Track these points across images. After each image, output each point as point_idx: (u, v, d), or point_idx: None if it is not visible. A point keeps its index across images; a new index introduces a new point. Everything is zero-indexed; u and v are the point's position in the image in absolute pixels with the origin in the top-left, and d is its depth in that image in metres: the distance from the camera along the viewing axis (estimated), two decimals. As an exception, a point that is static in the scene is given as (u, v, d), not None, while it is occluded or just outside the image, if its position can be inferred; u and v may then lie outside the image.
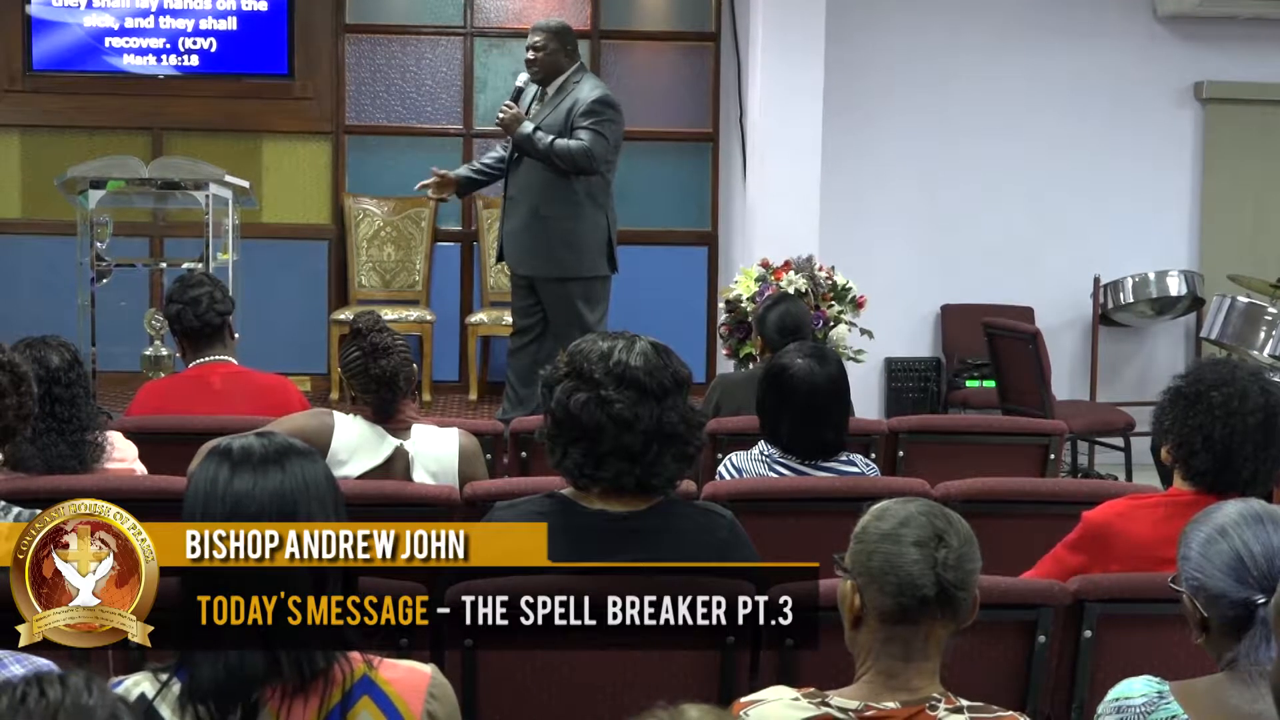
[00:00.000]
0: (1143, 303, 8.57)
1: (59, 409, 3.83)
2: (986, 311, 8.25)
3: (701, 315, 8.97)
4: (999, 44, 8.70)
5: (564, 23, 7.06)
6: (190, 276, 5.17)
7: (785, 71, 7.83)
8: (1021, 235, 8.74)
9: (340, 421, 4.12)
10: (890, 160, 8.68)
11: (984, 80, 8.70)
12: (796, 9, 7.83)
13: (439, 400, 8.74)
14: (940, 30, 8.67)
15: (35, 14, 8.66)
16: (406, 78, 9.01)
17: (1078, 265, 8.66)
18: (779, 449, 4.12)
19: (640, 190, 8.94)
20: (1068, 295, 8.74)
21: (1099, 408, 8.06)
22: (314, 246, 8.96)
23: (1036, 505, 4.08)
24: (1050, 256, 8.74)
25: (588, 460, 2.98)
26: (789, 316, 5.36)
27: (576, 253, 6.78)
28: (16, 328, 5.01)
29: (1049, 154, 8.75)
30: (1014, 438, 5.18)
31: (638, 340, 3.05)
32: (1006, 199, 8.76)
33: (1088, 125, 8.76)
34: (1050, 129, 8.73)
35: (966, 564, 2.36)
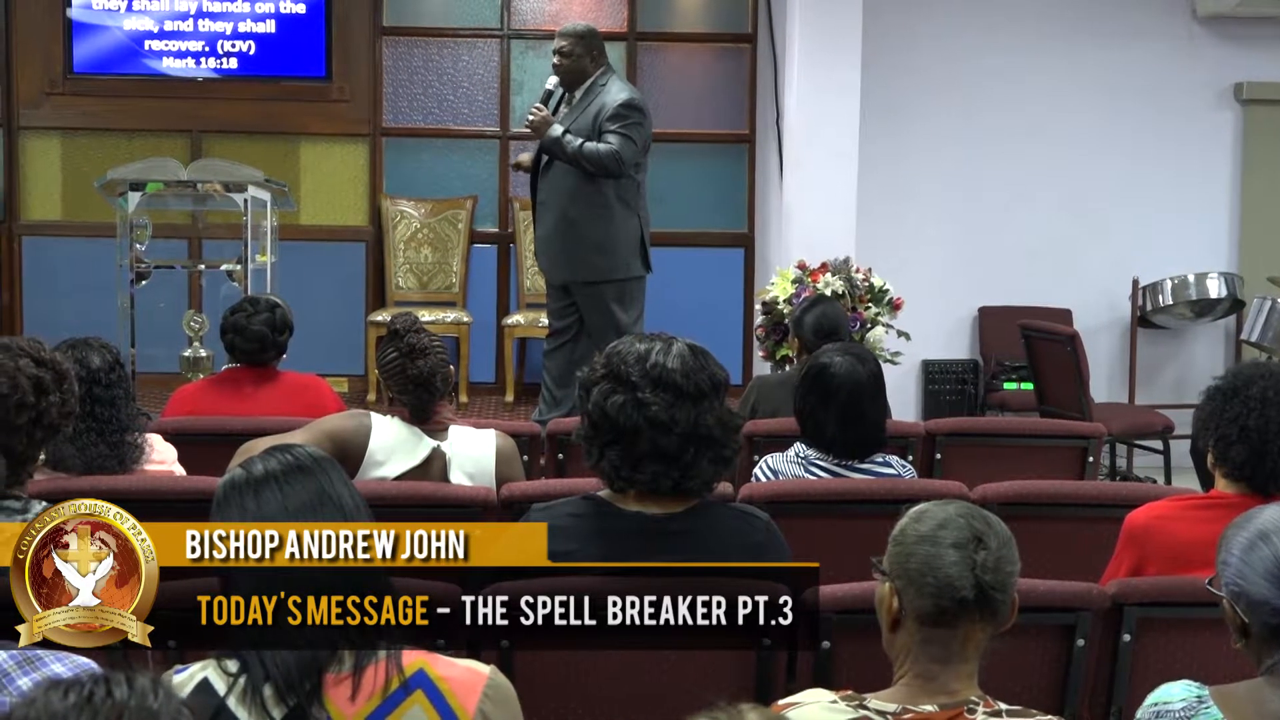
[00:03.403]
0: (1182, 305, 8.52)
1: (99, 410, 3.85)
2: (1024, 313, 8.21)
3: (738, 317, 8.97)
4: (1036, 45, 8.67)
5: (590, 26, 7.06)
6: (256, 308, 5.14)
7: (822, 73, 7.82)
8: (1059, 237, 8.70)
9: (378, 423, 4.13)
10: (927, 161, 8.66)
11: (1021, 81, 8.66)
12: (833, 11, 7.81)
13: (475, 402, 8.75)
14: (977, 31, 8.64)
15: (76, 17, 8.72)
16: (443, 80, 9.03)
17: (1116, 267, 8.62)
18: (817, 450, 4.11)
19: (677, 192, 8.94)
20: (1106, 297, 8.70)
21: (1137, 410, 8.02)
22: (351, 248, 8.99)
23: (1075, 508, 4.06)
24: (1088, 258, 8.70)
25: (624, 462, 2.98)
26: (826, 318, 5.35)
27: (608, 255, 6.78)
28: (57, 328, 5.05)
29: (1087, 155, 8.71)
30: (1052, 440, 5.15)
31: (675, 342, 3.05)
32: (1044, 200, 8.72)
33: (1126, 126, 8.72)
34: (1088, 130, 8.69)
35: (1005, 566, 2.35)
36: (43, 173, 8.92)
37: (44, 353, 3.16)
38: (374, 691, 2.22)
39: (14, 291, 8.90)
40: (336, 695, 2.21)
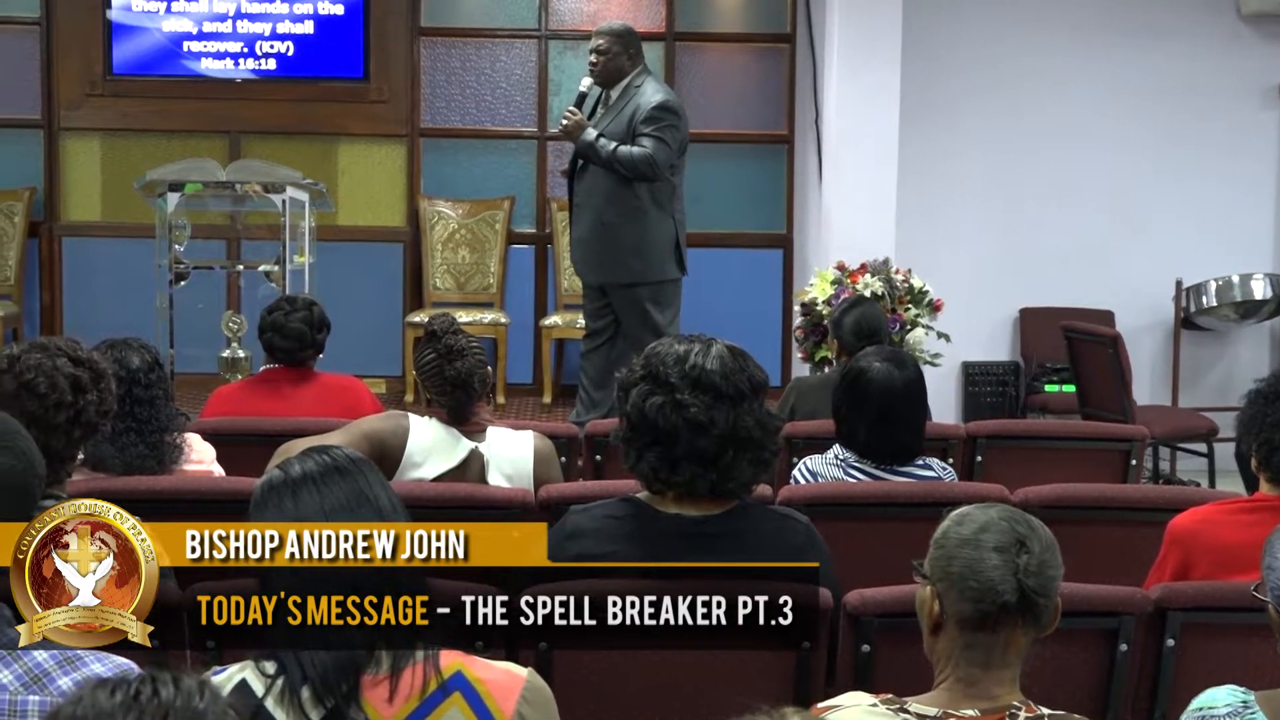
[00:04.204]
0: (1226, 306, 8.46)
1: (139, 410, 3.87)
2: (1065, 315, 8.17)
3: (776, 318, 8.95)
4: (1077, 44, 8.62)
5: (627, 25, 7.06)
6: (294, 307, 5.15)
7: (861, 73, 7.79)
8: (1101, 237, 8.66)
9: (415, 424, 4.14)
10: (967, 161, 8.62)
11: (1062, 80, 8.62)
12: (873, 10, 7.79)
13: (513, 403, 8.76)
14: (1018, 31, 8.60)
15: (115, 19, 8.76)
16: (481, 80, 9.04)
17: (1159, 268, 8.57)
18: (855, 453, 4.10)
19: (715, 193, 8.93)
20: (1148, 298, 8.65)
21: (1181, 413, 7.97)
22: (389, 249, 9.02)
23: (1118, 512, 4.04)
24: (1130, 259, 8.65)
25: (663, 464, 2.98)
26: (865, 320, 5.34)
27: (644, 258, 6.80)
28: (95, 329, 5.07)
29: (1129, 155, 8.66)
30: (1094, 443, 5.13)
31: (714, 344, 3.04)
32: (1086, 200, 8.68)
33: (1169, 126, 8.67)
34: (1131, 129, 8.65)
35: (1048, 570, 2.34)
36: (82, 174, 8.97)
37: (81, 352, 3.18)
38: (412, 693, 2.23)
39: (54, 292, 8.96)
40: (374, 697, 2.22)
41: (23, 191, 8.86)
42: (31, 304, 8.93)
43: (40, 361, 3.10)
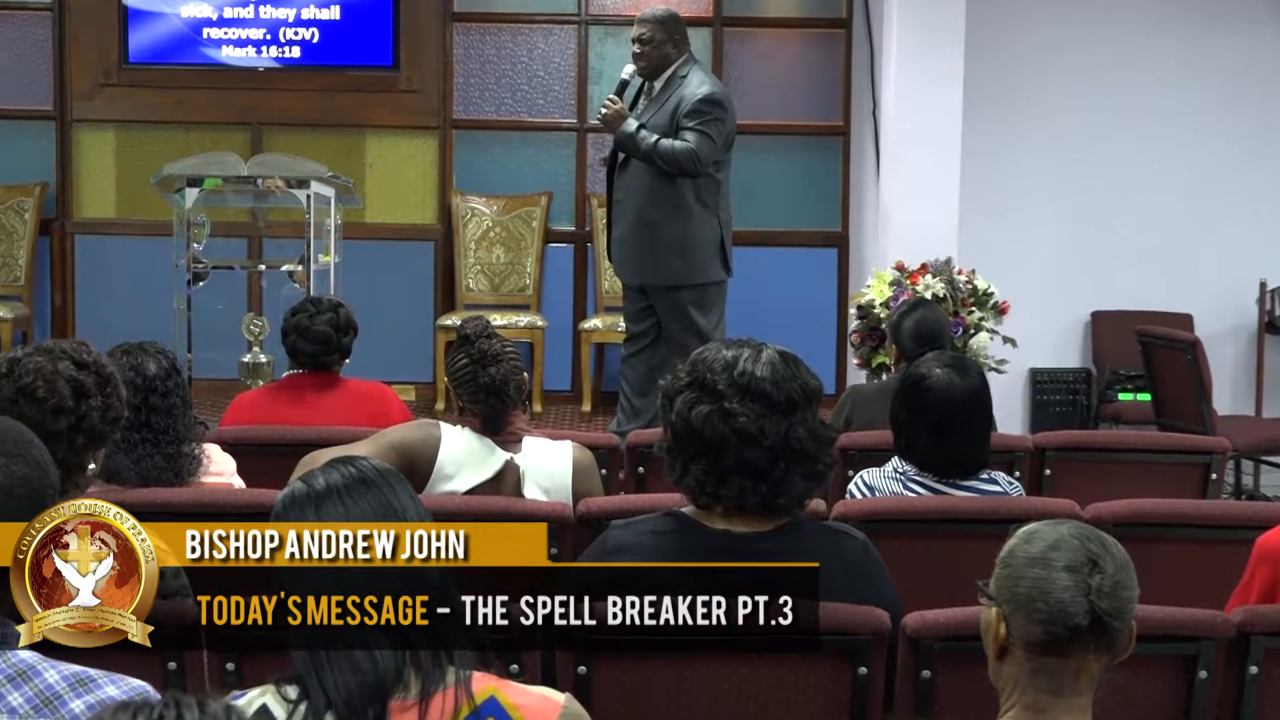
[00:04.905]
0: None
1: (155, 419, 3.88)
2: (1141, 318, 8.15)
3: (831, 322, 8.95)
4: (1152, 30, 8.59)
5: (671, 11, 7.06)
6: (318, 310, 5.18)
7: (922, 60, 7.79)
8: (1179, 236, 8.62)
9: (447, 433, 4.15)
10: (1036, 154, 8.60)
11: (1136, 69, 8.59)
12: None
13: (550, 411, 8.78)
14: (1090, 15, 8.57)
15: (131, 5, 8.83)
16: (517, 69, 9.07)
17: (1241, 268, 8.53)
18: (915, 466, 4.10)
19: (766, 188, 8.94)
20: (1230, 301, 8.60)
21: (1265, 424, 7.93)
22: (419, 248, 9.05)
23: (1197, 529, 4.03)
24: (1210, 259, 8.61)
25: (710, 477, 2.98)
26: (926, 324, 5.34)
27: (687, 259, 6.79)
28: (110, 332, 5.11)
29: (1208, 148, 8.62)
30: (1171, 456, 5.11)
31: (764, 349, 3.04)
32: (1162, 196, 8.64)
33: (1249, 117, 8.62)
34: (1209, 121, 8.61)
35: (1122, 591, 2.33)
36: (96, 168, 9.04)
37: (87, 355, 3.18)
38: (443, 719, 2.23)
39: (66, 293, 9.03)
40: None
41: (33, 187, 8.94)
42: (42, 306, 9.01)
43: (40, 365, 3.10)
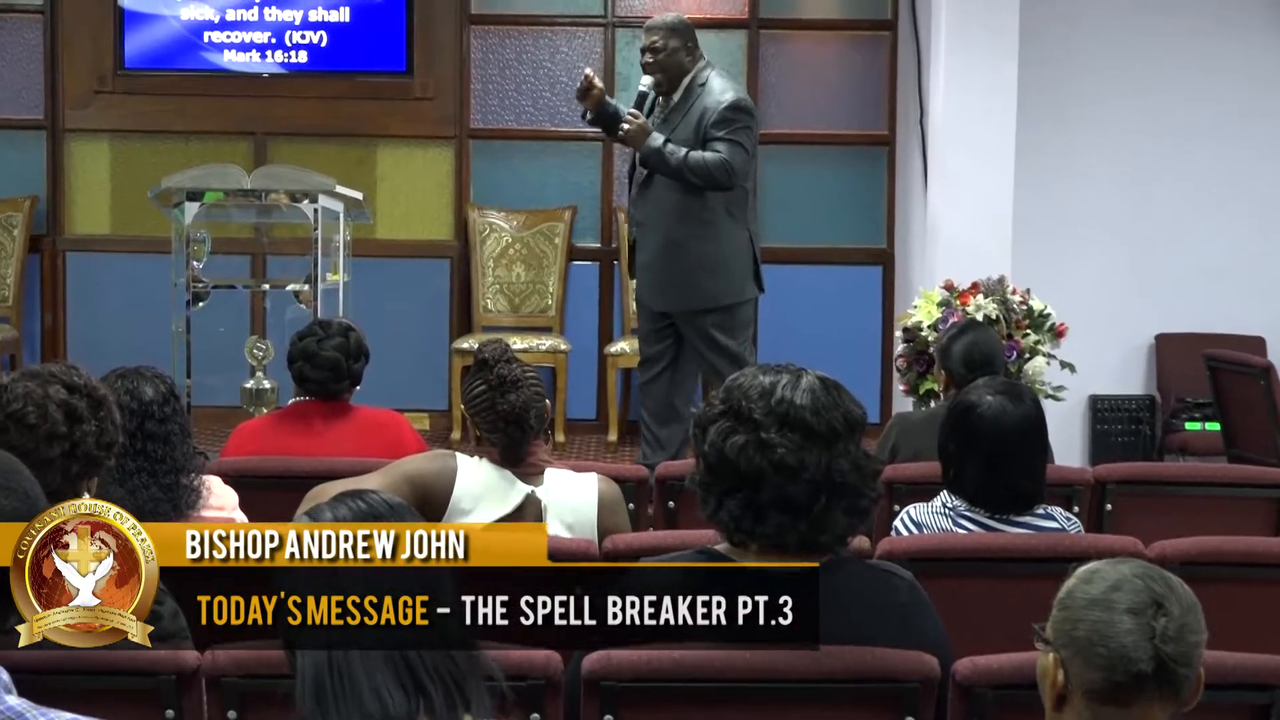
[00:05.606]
0: (1396, 332, 8.41)
1: (151, 447, 3.89)
2: (1209, 342, 8.13)
3: (875, 345, 8.94)
4: (1219, 31, 8.58)
5: (680, 17, 7.08)
6: (326, 334, 5.19)
7: (973, 66, 7.79)
8: (1250, 253, 8.60)
9: (464, 465, 4.16)
10: (1094, 167, 8.59)
11: (1202, 73, 8.58)
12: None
13: (574, 441, 8.79)
14: (1154, 15, 8.57)
15: (128, 6, 8.88)
16: (539, 75, 9.10)
17: (1317, 288, 8.52)
18: (965, 500, 4.09)
19: (805, 202, 8.94)
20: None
21: (1343, 455, 7.90)
22: (434, 266, 9.07)
23: (1270, 570, 4.02)
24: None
25: (746, 513, 2.97)
26: (977, 347, 5.33)
27: (721, 279, 6.80)
28: (104, 356, 5.13)
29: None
30: (1242, 490, 5.10)
31: (804, 375, 3.04)
32: (1230, 211, 8.63)
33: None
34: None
35: (1189, 636, 2.33)
36: (90, 181, 9.09)
37: (77, 378, 3.21)
38: None
39: (57, 313, 9.07)
40: None
41: (23, 201, 8.99)
42: (32, 327, 9.05)
43: (30, 390, 3.14)
